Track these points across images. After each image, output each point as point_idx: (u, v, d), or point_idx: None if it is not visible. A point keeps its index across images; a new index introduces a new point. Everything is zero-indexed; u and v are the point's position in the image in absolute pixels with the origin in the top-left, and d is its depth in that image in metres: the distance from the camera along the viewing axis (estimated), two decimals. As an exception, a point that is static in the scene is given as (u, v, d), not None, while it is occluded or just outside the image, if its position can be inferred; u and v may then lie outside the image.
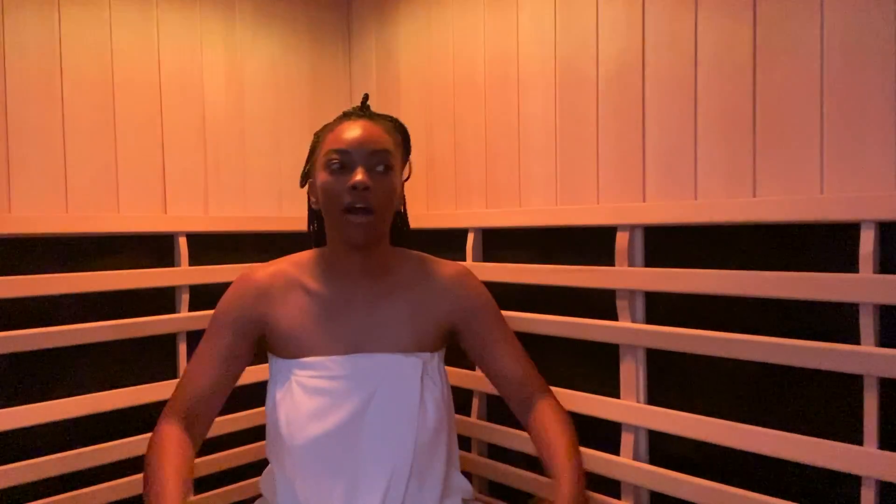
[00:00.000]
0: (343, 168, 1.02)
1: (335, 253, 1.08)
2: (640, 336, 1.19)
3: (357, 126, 1.05)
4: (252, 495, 1.51)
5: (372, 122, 1.07)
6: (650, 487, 1.18)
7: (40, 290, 1.28)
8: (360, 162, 1.01)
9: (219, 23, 1.57)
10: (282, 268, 1.11)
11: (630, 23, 1.20)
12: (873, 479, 0.94)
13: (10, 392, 1.28)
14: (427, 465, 1.05)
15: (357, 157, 1.01)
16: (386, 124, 1.09)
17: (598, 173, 1.26)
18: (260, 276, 1.09)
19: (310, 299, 1.08)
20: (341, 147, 1.02)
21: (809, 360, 0.98)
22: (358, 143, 1.02)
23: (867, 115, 0.94)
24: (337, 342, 1.05)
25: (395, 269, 1.12)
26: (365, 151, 1.02)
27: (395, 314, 1.08)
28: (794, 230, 1.04)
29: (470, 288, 1.14)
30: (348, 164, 1.01)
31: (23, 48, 1.28)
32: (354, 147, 1.02)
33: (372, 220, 1.00)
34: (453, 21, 1.53)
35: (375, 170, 1.02)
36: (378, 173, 1.02)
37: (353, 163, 1.01)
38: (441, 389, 1.09)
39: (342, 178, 1.01)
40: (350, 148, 1.02)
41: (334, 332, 1.06)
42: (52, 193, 1.32)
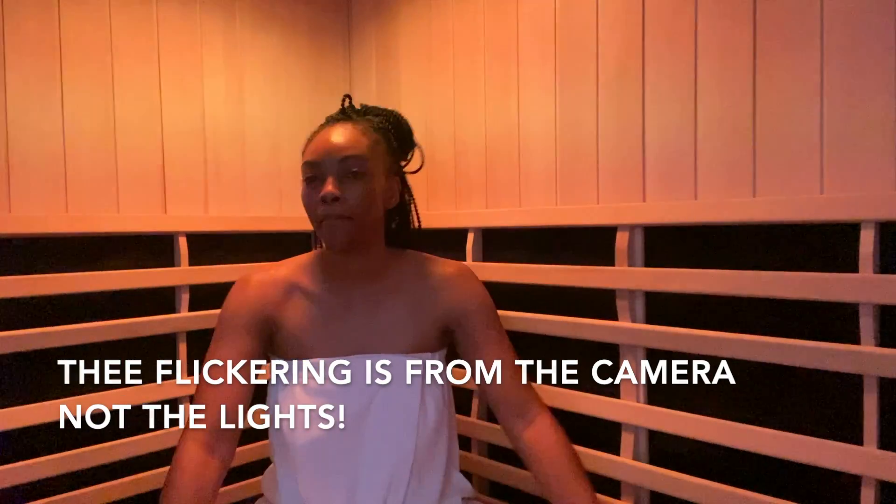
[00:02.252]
0: (315, 179, 1.02)
1: (331, 257, 1.09)
2: (640, 336, 1.19)
3: (330, 133, 1.03)
4: (253, 495, 1.51)
5: (351, 124, 1.06)
6: (650, 487, 1.18)
7: (40, 290, 1.28)
8: (329, 172, 1.00)
9: (219, 23, 1.57)
10: (280, 272, 1.10)
11: (630, 23, 1.20)
12: (873, 479, 0.94)
13: (10, 392, 1.28)
14: (428, 464, 1.06)
15: (326, 167, 1.01)
16: (364, 124, 1.07)
17: (598, 173, 1.26)
18: (260, 278, 1.09)
19: (310, 302, 1.08)
20: (310, 159, 1.02)
21: (809, 360, 0.98)
22: (325, 152, 1.01)
23: (867, 115, 0.94)
24: (338, 344, 1.06)
25: (394, 270, 1.11)
26: (333, 160, 1.00)
27: (395, 315, 1.08)
28: (794, 230, 1.04)
29: (467, 287, 1.12)
30: (319, 175, 1.01)
31: (23, 48, 1.28)
32: (322, 157, 1.01)
33: (349, 226, 1.00)
34: (453, 21, 1.53)
35: (347, 176, 1.00)
36: (349, 179, 1.00)
37: (323, 173, 1.01)
38: (442, 390, 1.09)
39: (315, 189, 1.01)
40: (318, 159, 1.01)
41: (335, 334, 1.06)
42: (52, 193, 1.32)
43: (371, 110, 1.13)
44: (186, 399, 1.49)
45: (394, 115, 1.14)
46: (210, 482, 0.94)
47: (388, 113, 1.13)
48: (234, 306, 1.06)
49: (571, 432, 1.30)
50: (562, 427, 1.06)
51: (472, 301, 1.11)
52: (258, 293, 1.06)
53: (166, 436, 1.44)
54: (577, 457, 1.03)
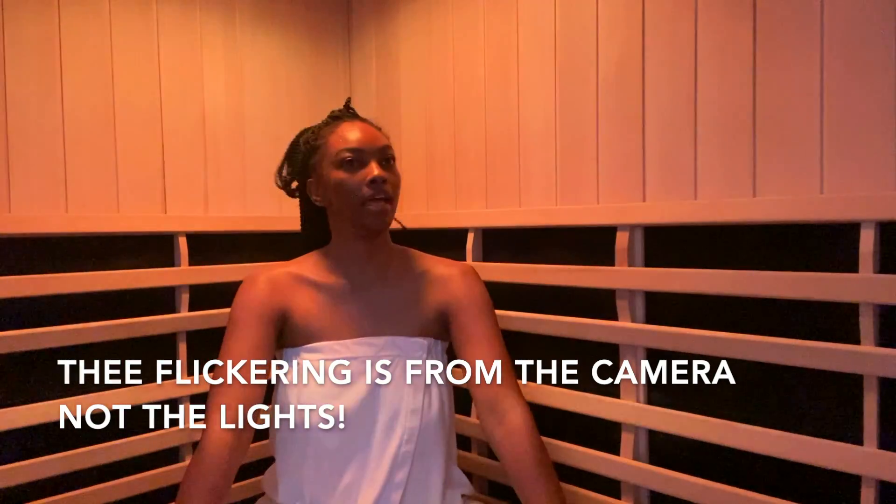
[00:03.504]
0: (356, 164, 1.08)
1: (343, 245, 1.13)
2: (640, 336, 1.19)
3: (358, 126, 1.12)
4: (254, 494, 1.51)
5: (365, 121, 1.14)
6: (650, 487, 1.18)
7: (40, 290, 1.28)
8: (372, 157, 1.08)
9: (219, 23, 1.57)
10: (285, 269, 1.14)
11: (630, 23, 1.20)
12: (873, 479, 0.94)
13: (10, 392, 1.28)
14: (431, 449, 1.08)
15: (369, 154, 1.08)
16: (374, 123, 1.15)
17: (598, 173, 1.26)
18: (268, 275, 1.12)
19: (318, 291, 1.11)
20: (353, 146, 1.08)
21: (809, 360, 0.98)
22: (368, 140, 1.09)
23: (867, 115, 0.94)
24: (346, 326, 1.09)
25: (398, 260, 1.17)
26: (375, 147, 1.09)
27: (399, 299, 1.12)
28: (794, 230, 1.04)
29: (466, 282, 1.16)
30: (361, 160, 1.08)
31: (23, 48, 1.28)
32: (365, 145, 1.08)
33: (388, 208, 1.08)
34: (453, 21, 1.53)
35: (385, 162, 1.10)
36: (387, 166, 1.10)
37: (365, 159, 1.08)
38: (442, 389, 1.11)
39: (357, 173, 1.07)
40: (362, 146, 1.08)
41: (343, 317, 1.09)
42: (52, 193, 1.32)
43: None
44: (186, 399, 1.49)
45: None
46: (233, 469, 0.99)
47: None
48: (246, 300, 1.08)
49: (571, 432, 1.31)
50: (534, 425, 1.05)
51: (469, 295, 1.14)
52: (268, 287, 1.10)
53: (166, 436, 1.44)
54: (544, 458, 1.02)
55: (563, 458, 1.29)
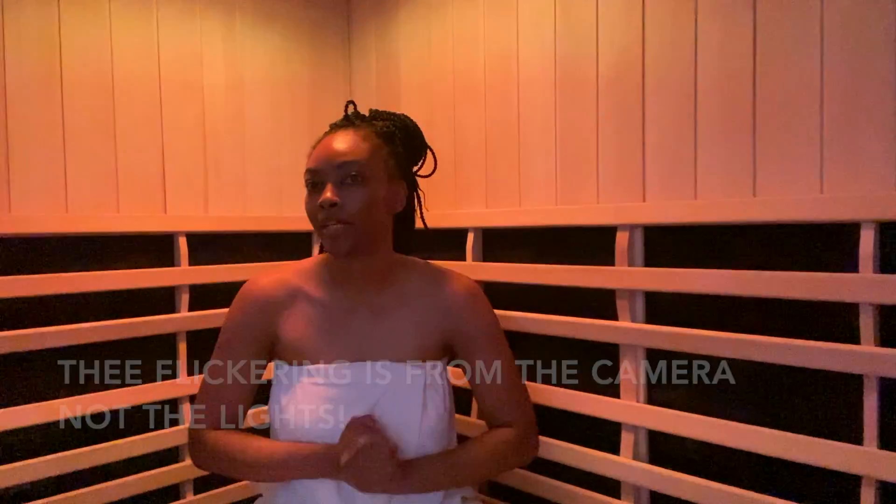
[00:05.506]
0: (315, 186, 1.03)
1: (337, 262, 1.09)
2: (640, 336, 1.19)
3: (330, 140, 1.05)
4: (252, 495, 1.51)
5: (352, 129, 1.06)
6: (650, 487, 1.18)
7: (40, 290, 1.28)
8: (328, 178, 1.02)
9: (219, 23, 1.57)
10: (284, 277, 1.12)
11: (630, 23, 1.20)
12: (873, 479, 0.94)
13: (10, 392, 1.28)
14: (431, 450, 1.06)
15: (325, 174, 1.02)
16: (367, 129, 1.07)
17: (598, 173, 1.26)
18: (263, 285, 1.10)
19: (314, 308, 1.08)
20: (311, 166, 1.04)
21: (809, 360, 0.98)
22: (324, 159, 1.03)
23: (867, 116, 0.94)
24: (342, 350, 1.06)
25: (400, 277, 1.12)
26: (331, 166, 1.02)
27: (399, 324, 1.09)
28: (794, 230, 1.04)
29: (476, 311, 1.13)
30: (319, 182, 1.03)
31: (23, 48, 1.28)
32: (321, 164, 1.03)
33: (349, 231, 1.00)
34: (453, 21, 1.53)
35: (346, 182, 1.01)
36: (349, 185, 1.01)
37: (322, 180, 1.02)
38: (443, 397, 1.09)
39: (315, 196, 1.02)
40: (317, 166, 1.03)
41: (339, 341, 1.07)
42: (52, 193, 1.32)
43: (379, 115, 1.13)
44: (187, 399, 1.49)
45: (401, 120, 1.14)
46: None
47: (395, 117, 1.13)
48: (235, 322, 1.10)
49: (571, 432, 1.31)
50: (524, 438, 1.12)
51: (479, 326, 1.13)
52: (259, 306, 1.09)
53: (166, 436, 1.44)
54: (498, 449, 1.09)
55: (563, 458, 1.29)
